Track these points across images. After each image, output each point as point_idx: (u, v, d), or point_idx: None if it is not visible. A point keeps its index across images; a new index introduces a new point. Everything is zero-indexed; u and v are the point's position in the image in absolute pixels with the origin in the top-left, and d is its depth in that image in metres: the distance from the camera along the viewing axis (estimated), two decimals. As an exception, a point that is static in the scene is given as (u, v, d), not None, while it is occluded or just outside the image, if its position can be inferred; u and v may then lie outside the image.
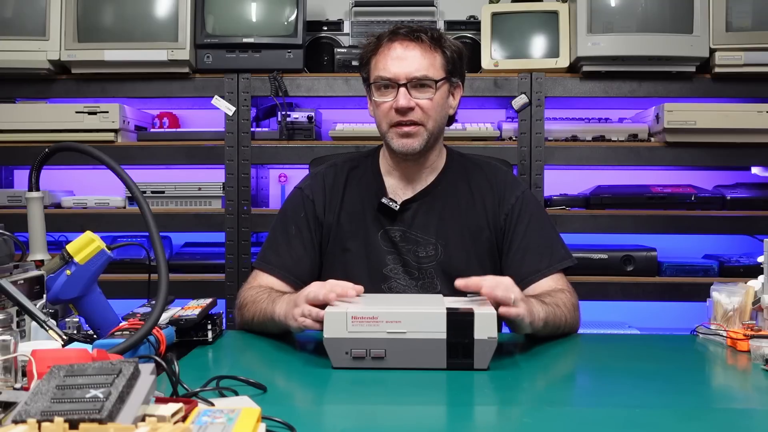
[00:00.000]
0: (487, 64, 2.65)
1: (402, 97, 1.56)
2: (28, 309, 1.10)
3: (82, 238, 1.24)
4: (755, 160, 2.68)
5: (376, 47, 1.61)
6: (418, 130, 1.58)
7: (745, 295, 1.44)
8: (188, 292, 1.87)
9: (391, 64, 1.57)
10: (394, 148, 1.60)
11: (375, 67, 1.61)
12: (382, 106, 1.59)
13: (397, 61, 1.57)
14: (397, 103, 1.56)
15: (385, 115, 1.59)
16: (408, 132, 1.58)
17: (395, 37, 1.59)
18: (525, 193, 1.70)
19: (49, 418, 0.70)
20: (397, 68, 1.57)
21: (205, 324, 1.38)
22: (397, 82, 1.57)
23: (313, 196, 1.69)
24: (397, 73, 1.57)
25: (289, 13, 2.65)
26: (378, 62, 1.60)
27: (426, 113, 1.58)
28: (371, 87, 1.62)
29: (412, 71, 1.57)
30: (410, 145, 1.59)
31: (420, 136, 1.59)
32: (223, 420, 0.78)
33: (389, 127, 1.60)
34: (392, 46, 1.59)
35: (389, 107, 1.58)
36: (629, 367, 1.27)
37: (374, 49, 1.61)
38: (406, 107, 1.56)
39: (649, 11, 2.58)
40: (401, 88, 1.56)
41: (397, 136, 1.59)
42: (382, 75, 1.58)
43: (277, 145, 2.67)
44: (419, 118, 1.58)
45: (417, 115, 1.58)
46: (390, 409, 1.02)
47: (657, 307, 2.73)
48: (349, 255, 1.65)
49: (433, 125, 1.60)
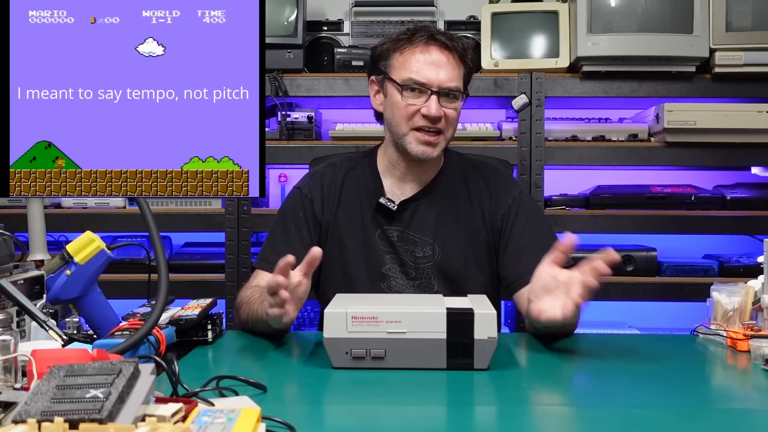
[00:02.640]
0: (487, 64, 2.65)
1: (434, 105, 1.55)
2: (28, 309, 1.10)
3: (82, 238, 1.24)
4: (755, 160, 2.68)
5: (407, 44, 1.58)
6: (439, 139, 1.59)
7: (745, 295, 1.44)
8: (188, 292, 1.87)
9: (427, 69, 1.56)
10: (412, 152, 1.59)
11: (404, 66, 1.58)
12: (408, 108, 1.58)
13: (433, 67, 1.56)
14: (429, 110, 1.55)
15: (410, 117, 1.58)
16: (430, 141, 1.58)
17: (433, 42, 1.57)
18: (522, 194, 1.70)
19: (49, 418, 0.70)
20: (432, 74, 1.56)
21: (205, 324, 1.38)
22: (430, 89, 1.56)
23: (312, 195, 1.69)
24: (432, 79, 1.56)
25: (289, 13, 2.65)
26: (409, 62, 1.58)
27: (449, 123, 1.59)
28: (392, 83, 1.59)
29: (446, 81, 1.56)
30: (430, 153, 1.59)
31: (439, 145, 1.60)
32: (223, 420, 0.78)
33: (410, 129, 1.59)
34: (429, 50, 1.57)
35: (416, 110, 1.57)
36: (629, 367, 1.27)
37: (403, 46, 1.59)
38: (436, 116, 1.56)
39: (649, 11, 2.58)
40: (433, 95, 1.56)
41: (417, 141, 1.58)
42: (415, 78, 1.56)
43: (277, 145, 2.67)
44: (443, 127, 1.58)
45: (442, 124, 1.58)
46: (390, 409, 1.02)
47: (657, 307, 2.73)
48: (348, 254, 1.65)
49: (451, 134, 1.62)
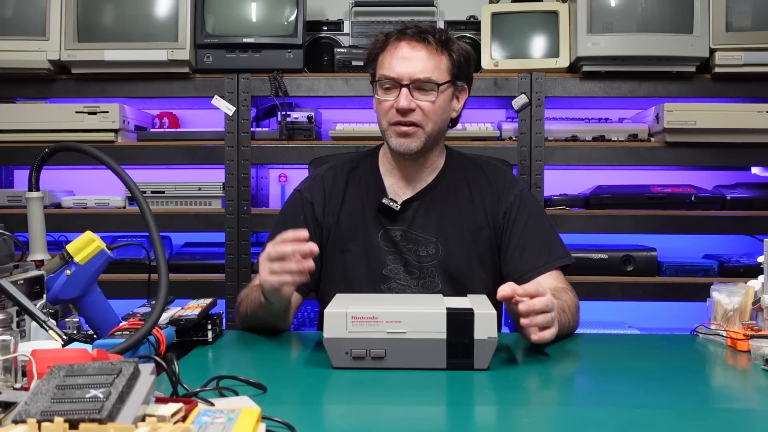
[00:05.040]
0: (487, 64, 2.65)
1: (403, 97, 1.56)
2: (28, 309, 1.10)
3: (82, 238, 1.24)
4: (755, 160, 2.68)
5: (384, 45, 1.61)
6: (417, 131, 1.59)
7: (745, 295, 1.44)
8: (188, 292, 1.87)
9: (396, 64, 1.57)
10: (392, 146, 1.62)
11: (381, 65, 1.61)
12: (383, 105, 1.60)
13: (402, 61, 1.57)
14: (398, 103, 1.57)
15: (386, 113, 1.60)
16: (406, 132, 1.59)
17: (402, 37, 1.59)
18: (523, 192, 1.70)
19: (49, 418, 0.70)
20: (401, 68, 1.57)
21: (205, 324, 1.38)
22: (400, 83, 1.57)
23: (312, 198, 1.69)
24: (401, 73, 1.57)
25: (289, 13, 2.65)
26: (384, 60, 1.60)
27: (426, 115, 1.59)
28: (376, 84, 1.63)
29: (416, 72, 1.57)
30: (407, 145, 1.59)
31: (418, 138, 1.59)
32: (223, 420, 0.78)
33: (388, 125, 1.61)
34: (399, 45, 1.59)
35: (390, 106, 1.59)
36: (629, 367, 1.27)
37: (382, 47, 1.62)
38: (406, 108, 1.57)
39: (649, 11, 2.58)
40: (403, 88, 1.57)
41: (395, 134, 1.60)
42: (386, 74, 1.59)
43: (277, 145, 2.67)
44: (418, 119, 1.58)
45: (417, 116, 1.58)
46: (390, 409, 1.02)
47: (657, 307, 2.73)
48: (349, 256, 1.65)
49: (432, 128, 1.60)
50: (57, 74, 2.68)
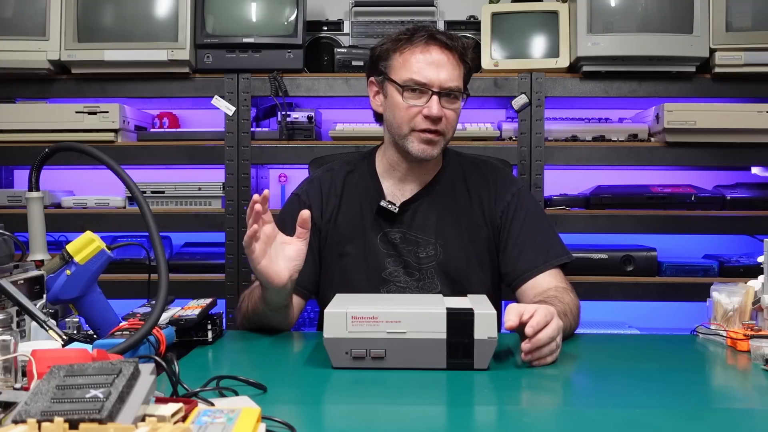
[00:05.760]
0: (487, 64, 2.65)
1: (436, 105, 1.55)
2: (28, 309, 1.10)
3: (82, 238, 1.24)
4: (755, 160, 2.68)
5: (407, 44, 1.58)
6: (440, 139, 1.59)
7: (745, 295, 1.44)
8: (188, 292, 1.87)
9: (428, 70, 1.55)
10: (413, 152, 1.59)
11: (405, 66, 1.57)
12: (410, 109, 1.57)
13: (433, 67, 1.55)
14: (430, 111, 1.55)
15: (411, 118, 1.57)
16: (431, 139, 1.58)
17: (433, 42, 1.56)
18: (521, 190, 1.70)
19: (49, 418, 0.70)
20: (432, 75, 1.55)
21: (205, 324, 1.38)
22: (431, 89, 1.55)
23: (310, 202, 1.68)
24: (432, 79, 1.55)
25: (289, 13, 2.65)
26: (410, 62, 1.57)
27: (450, 123, 1.59)
28: (393, 84, 1.59)
29: (446, 81, 1.55)
30: (430, 152, 1.59)
31: (439, 145, 1.60)
32: (223, 420, 0.78)
33: (411, 130, 1.58)
34: (430, 50, 1.56)
35: (417, 111, 1.56)
36: (629, 367, 1.27)
37: (403, 46, 1.58)
38: (437, 116, 1.55)
39: (649, 11, 2.58)
40: (434, 96, 1.55)
41: (419, 141, 1.58)
42: (416, 78, 1.55)
43: (277, 145, 2.67)
44: (443, 127, 1.58)
45: (443, 124, 1.57)
46: (390, 409, 1.02)
47: (657, 307, 2.73)
48: (348, 259, 1.65)
49: (451, 135, 1.62)
50: (57, 74, 2.68)
